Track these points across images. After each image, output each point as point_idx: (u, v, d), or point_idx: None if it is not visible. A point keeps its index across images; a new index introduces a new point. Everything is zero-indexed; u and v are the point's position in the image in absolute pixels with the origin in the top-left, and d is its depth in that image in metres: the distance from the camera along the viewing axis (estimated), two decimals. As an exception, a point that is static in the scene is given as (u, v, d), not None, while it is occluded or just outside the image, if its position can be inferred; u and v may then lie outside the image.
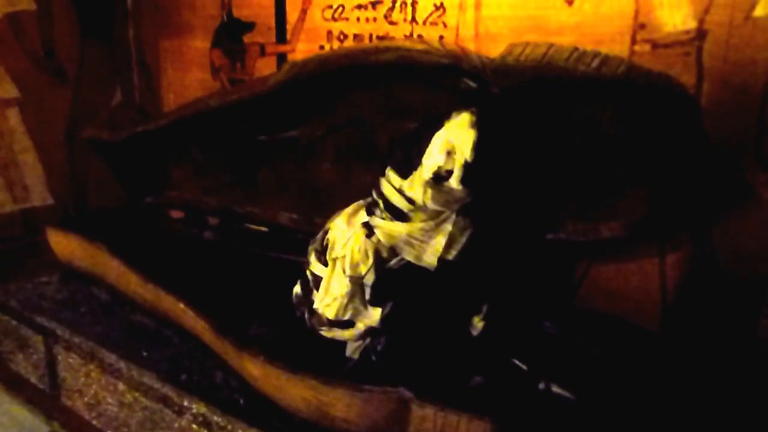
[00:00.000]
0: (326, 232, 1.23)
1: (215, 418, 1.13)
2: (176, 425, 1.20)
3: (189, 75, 2.14)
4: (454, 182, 1.08)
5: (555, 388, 1.14)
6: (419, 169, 1.10)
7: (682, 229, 1.34)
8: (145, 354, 1.30)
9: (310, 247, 1.26)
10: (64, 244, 1.62)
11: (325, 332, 1.20)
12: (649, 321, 1.39)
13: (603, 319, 1.38)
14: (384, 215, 1.16)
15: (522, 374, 1.18)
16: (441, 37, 1.58)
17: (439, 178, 1.09)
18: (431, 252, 1.13)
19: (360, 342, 1.18)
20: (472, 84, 1.19)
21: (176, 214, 1.83)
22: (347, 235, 1.18)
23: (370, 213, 1.18)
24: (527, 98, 1.16)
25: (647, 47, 1.33)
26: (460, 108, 1.10)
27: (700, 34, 1.27)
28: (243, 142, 1.58)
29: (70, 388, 1.43)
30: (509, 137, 1.15)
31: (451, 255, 1.13)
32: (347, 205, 1.26)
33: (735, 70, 1.25)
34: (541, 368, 1.18)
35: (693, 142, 1.15)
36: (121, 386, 1.30)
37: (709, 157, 1.18)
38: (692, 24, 1.28)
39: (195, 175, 1.71)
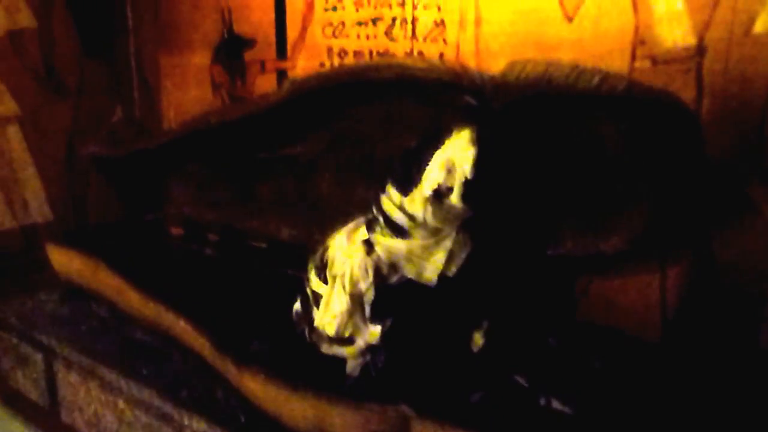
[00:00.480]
0: (326, 249, 1.23)
1: (216, 435, 1.12)
2: (176, 443, 1.19)
3: (189, 91, 2.15)
4: (454, 199, 1.08)
5: (555, 404, 1.14)
6: (420, 185, 1.10)
7: (683, 243, 1.34)
8: (145, 371, 1.30)
9: (310, 264, 1.25)
10: (64, 261, 1.62)
11: (326, 349, 1.19)
12: (650, 334, 1.39)
13: (604, 332, 1.38)
14: (384, 232, 1.15)
15: (522, 390, 1.17)
16: (441, 54, 1.59)
17: (440, 195, 1.09)
18: (431, 269, 1.13)
19: (360, 359, 1.18)
20: (473, 101, 1.19)
21: (176, 230, 1.83)
22: (347, 252, 1.18)
23: (370, 229, 1.18)
24: (528, 115, 1.16)
25: (647, 63, 1.34)
26: (460, 125, 1.10)
27: (700, 50, 1.27)
28: (243, 158, 1.58)
29: (69, 405, 1.43)
30: (510, 154, 1.15)
31: (451, 271, 1.13)
32: (347, 220, 1.26)
33: (735, 86, 1.25)
34: (542, 384, 1.17)
35: (694, 158, 1.15)
36: (121, 403, 1.30)
37: (709, 173, 1.18)
38: (692, 40, 1.28)
39: (195, 191, 1.71)
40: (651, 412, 1.12)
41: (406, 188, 1.12)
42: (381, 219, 1.16)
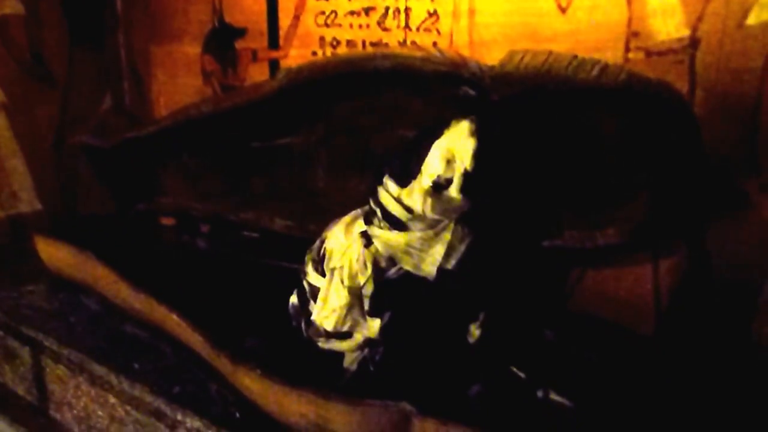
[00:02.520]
0: (323, 242, 1.22)
1: (210, 432, 1.11)
2: (169, 439, 1.17)
3: (180, 80, 2.12)
4: (453, 191, 1.07)
5: (553, 396, 1.14)
6: (418, 178, 1.09)
7: (678, 235, 1.34)
8: (136, 366, 1.27)
9: (307, 257, 1.24)
10: (52, 252, 1.59)
11: (323, 343, 1.18)
12: (643, 326, 1.39)
13: (598, 324, 1.38)
14: (382, 224, 1.14)
15: (520, 382, 1.17)
16: (435, 44, 1.58)
17: (439, 187, 1.08)
18: (430, 261, 1.12)
19: (358, 353, 1.17)
20: (471, 92, 1.18)
21: (167, 221, 1.81)
22: (345, 245, 1.17)
23: (368, 222, 1.17)
24: (526, 106, 1.15)
25: (641, 55, 1.34)
26: (459, 116, 1.09)
27: (693, 42, 1.27)
28: (236, 149, 1.56)
29: (58, 400, 1.40)
30: (508, 145, 1.14)
31: (450, 264, 1.12)
32: (342, 212, 1.25)
33: (728, 78, 1.25)
34: (540, 376, 1.17)
35: (690, 150, 1.15)
36: (111, 399, 1.27)
37: (705, 165, 1.18)
38: (685, 32, 1.28)
39: (187, 181, 1.69)
40: (649, 405, 1.12)
41: (404, 180, 1.11)
42: (378, 211, 1.14)
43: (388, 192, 1.13)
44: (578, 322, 1.38)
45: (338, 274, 1.15)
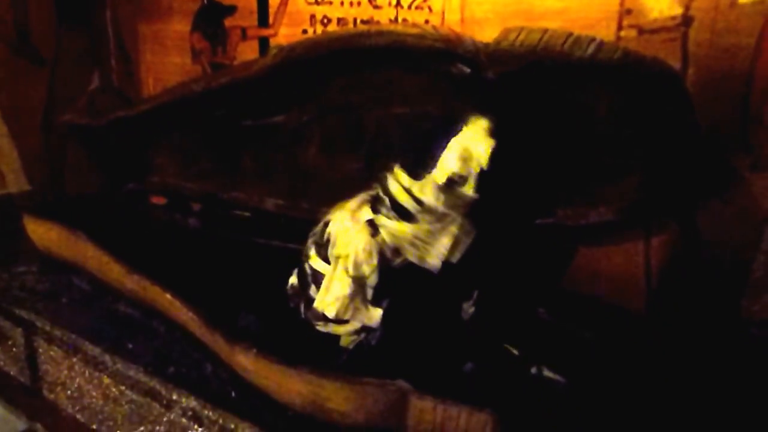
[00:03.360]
0: (327, 224, 1.20)
1: (206, 411, 1.10)
2: (165, 419, 1.17)
3: (168, 59, 2.10)
4: (469, 189, 1.08)
5: (546, 372, 1.15)
6: (432, 172, 1.09)
7: (670, 212, 1.35)
8: (130, 346, 1.27)
9: (310, 240, 1.22)
10: (42, 233, 1.58)
11: (321, 327, 1.18)
12: (634, 302, 1.40)
13: (590, 302, 1.39)
14: (390, 215, 1.13)
15: (514, 359, 1.18)
16: (426, 22, 1.57)
17: (453, 183, 1.08)
18: (435, 254, 1.12)
19: (355, 336, 1.17)
20: (466, 69, 1.17)
21: (158, 200, 1.80)
22: (351, 232, 1.15)
23: (375, 211, 1.16)
24: (522, 84, 1.14)
25: (633, 33, 1.34)
26: (476, 114, 1.08)
27: (686, 20, 1.28)
28: (227, 128, 1.55)
29: (52, 381, 1.39)
30: (521, 141, 1.13)
31: (455, 257, 1.13)
32: (334, 190, 1.24)
33: (720, 56, 1.26)
34: (533, 353, 1.18)
35: (684, 128, 1.15)
36: (105, 379, 1.27)
37: (698, 143, 1.18)
38: (678, 10, 1.28)
39: (178, 160, 1.67)
40: (640, 383, 1.13)
41: (417, 173, 1.11)
42: (387, 201, 1.14)
43: (399, 183, 1.12)
44: (572, 300, 1.38)
45: (343, 263, 1.14)
